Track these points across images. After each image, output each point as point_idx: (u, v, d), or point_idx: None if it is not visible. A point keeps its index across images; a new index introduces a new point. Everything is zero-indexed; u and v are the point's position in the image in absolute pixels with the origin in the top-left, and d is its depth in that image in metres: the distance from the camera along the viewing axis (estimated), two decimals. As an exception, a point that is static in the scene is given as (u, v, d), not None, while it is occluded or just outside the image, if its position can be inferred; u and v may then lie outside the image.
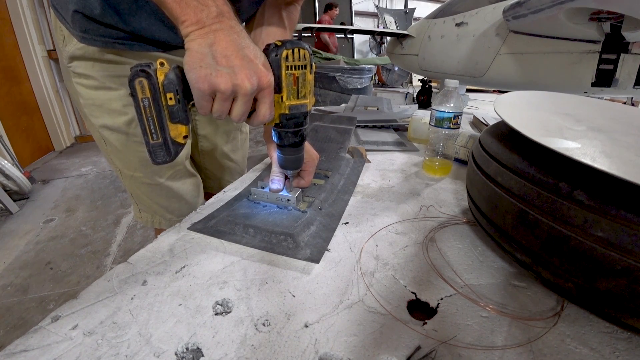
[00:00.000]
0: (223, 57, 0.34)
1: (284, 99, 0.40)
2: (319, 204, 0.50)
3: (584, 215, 0.28)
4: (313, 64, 0.41)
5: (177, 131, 0.37)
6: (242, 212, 0.49)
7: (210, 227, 0.46)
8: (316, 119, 0.88)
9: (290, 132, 0.43)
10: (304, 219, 0.46)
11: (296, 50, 0.38)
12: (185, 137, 0.38)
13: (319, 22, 4.18)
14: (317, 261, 0.39)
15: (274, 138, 0.45)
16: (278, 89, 0.39)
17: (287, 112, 0.41)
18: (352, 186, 0.59)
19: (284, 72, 0.39)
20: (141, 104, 0.35)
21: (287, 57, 0.38)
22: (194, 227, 0.46)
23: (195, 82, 0.34)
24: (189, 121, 0.38)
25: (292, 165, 0.48)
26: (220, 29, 0.35)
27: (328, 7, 4.38)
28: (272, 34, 0.56)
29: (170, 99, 0.35)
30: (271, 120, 0.41)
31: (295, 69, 0.39)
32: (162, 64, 0.35)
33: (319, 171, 0.61)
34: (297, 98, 0.41)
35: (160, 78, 0.35)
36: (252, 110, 0.39)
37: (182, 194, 0.65)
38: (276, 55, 0.38)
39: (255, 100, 0.38)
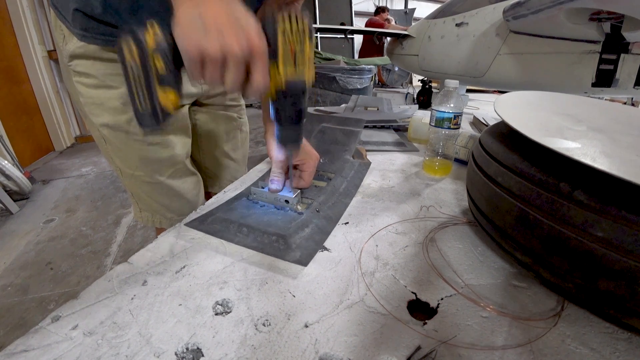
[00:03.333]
0: (212, 21, 0.32)
1: (280, 70, 0.36)
2: (317, 205, 0.50)
3: (584, 215, 0.28)
4: (312, 33, 0.37)
5: (167, 98, 0.35)
6: (239, 211, 0.49)
7: (206, 224, 0.46)
8: (324, 121, 0.88)
9: (287, 108, 0.39)
10: (299, 220, 0.46)
11: (294, 18, 0.35)
12: (176, 105, 0.35)
13: (373, 24, 4.22)
14: (304, 264, 0.39)
15: (271, 114, 0.41)
16: (273, 58, 0.36)
17: (283, 87, 0.37)
18: (354, 189, 0.59)
19: (280, 40, 0.35)
20: (129, 68, 0.33)
21: (283, 24, 0.35)
22: (191, 224, 0.47)
23: (184, 47, 0.33)
24: (181, 89, 0.36)
25: (291, 139, 0.42)
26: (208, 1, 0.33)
27: (380, 10, 4.45)
28: None
29: (160, 63, 0.33)
30: (267, 93, 0.38)
31: (292, 38, 0.35)
32: (152, 26, 0.33)
33: (322, 173, 0.60)
34: (295, 70, 0.37)
35: (150, 42, 0.33)
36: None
37: (182, 193, 0.65)
38: (272, 22, 0.35)
39: (248, 70, 0.35)
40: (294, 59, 0.36)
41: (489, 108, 1.40)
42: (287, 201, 0.49)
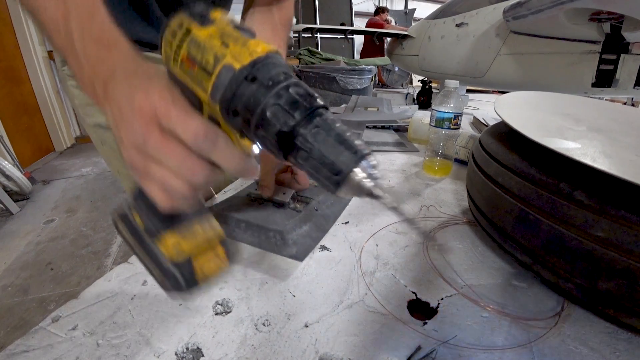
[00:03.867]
0: (119, 119, 0.25)
1: (202, 96, 0.24)
2: (315, 204, 0.50)
3: (584, 215, 0.28)
4: (206, 14, 0.24)
5: (166, 246, 0.27)
6: (238, 208, 0.49)
7: None
8: None
9: (250, 121, 0.22)
10: (297, 218, 0.46)
11: (173, 25, 0.24)
12: (179, 249, 0.27)
13: (374, 25, 4.27)
14: (300, 259, 0.39)
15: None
16: (193, 98, 0.24)
17: (210, 104, 0.23)
18: None
19: (176, 70, 0.24)
20: (127, 245, 0.29)
21: (167, 48, 0.24)
22: None
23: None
24: (178, 225, 0.28)
25: (329, 175, 0.22)
26: (111, 97, 0.25)
27: (380, 10, 4.51)
28: (257, 23, 0.51)
29: (136, 214, 0.28)
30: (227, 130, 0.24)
31: (179, 49, 0.24)
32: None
33: None
34: (209, 75, 0.23)
35: (124, 206, 0.28)
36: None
37: None
38: (165, 59, 0.25)
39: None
40: (198, 66, 0.23)
41: (489, 108, 1.40)
42: (282, 203, 0.49)
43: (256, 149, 0.25)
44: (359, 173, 0.22)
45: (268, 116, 0.21)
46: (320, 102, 0.23)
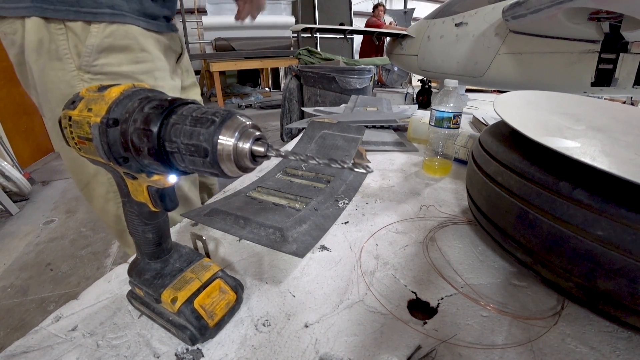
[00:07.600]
0: None
1: (106, 163, 0.25)
2: (315, 204, 0.50)
3: (584, 214, 0.28)
4: (75, 98, 0.26)
5: (166, 303, 0.29)
6: (237, 206, 0.49)
7: (202, 215, 0.47)
8: (325, 128, 0.89)
9: (135, 158, 0.23)
10: (297, 216, 0.46)
11: (62, 121, 0.26)
12: (175, 299, 0.28)
13: (372, 26, 4.30)
14: (301, 256, 0.39)
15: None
16: (110, 170, 0.26)
17: (112, 166, 0.25)
18: (352, 192, 0.59)
19: (83, 154, 0.26)
20: (144, 315, 0.33)
21: (70, 142, 0.26)
22: (187, 215, 0.47)
23: None
24: (170, 282, 0.30)
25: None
26: None
27: (375, 7, 4.56)
28: None
29: (137, 288, 0.31)
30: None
31: (72, 135, 0.25)
32: None
33: (322, 175, 0.61)
34: (91, 141, 0.24)
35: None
36: None
37: (178, 187, 0.65)
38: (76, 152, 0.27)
39: None
40: (86, 140, 0.24)
41: (488, 108, 1.41)
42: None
43: (173, 178, 0.25)
44: (224, 140, 0.20)
45: (136, 144, 0.22)
46: (177, 101, 0.22)
